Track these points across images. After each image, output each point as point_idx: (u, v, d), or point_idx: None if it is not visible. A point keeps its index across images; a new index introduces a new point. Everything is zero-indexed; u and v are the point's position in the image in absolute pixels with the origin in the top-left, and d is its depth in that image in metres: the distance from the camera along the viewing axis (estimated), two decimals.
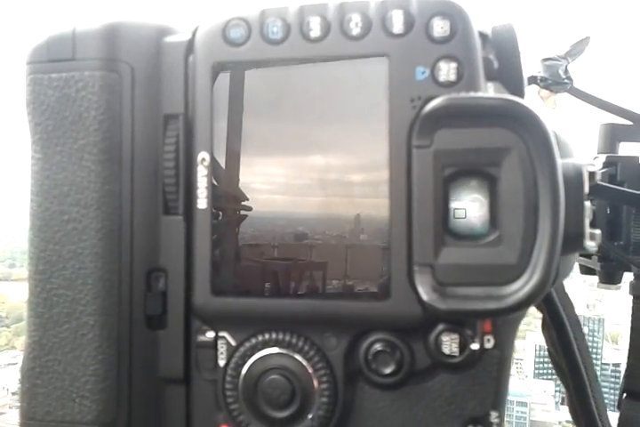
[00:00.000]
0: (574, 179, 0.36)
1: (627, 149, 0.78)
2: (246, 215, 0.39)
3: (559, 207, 0.34)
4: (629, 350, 0.65)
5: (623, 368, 0.64)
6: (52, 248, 0.40)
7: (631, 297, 0.68)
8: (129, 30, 0.40)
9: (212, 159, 0.39)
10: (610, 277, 0.76)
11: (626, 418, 0.61)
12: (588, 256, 0.76)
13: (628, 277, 0.74)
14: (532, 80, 0.78)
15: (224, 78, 0.39)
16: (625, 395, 0.63)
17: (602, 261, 0.75)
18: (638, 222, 0.69)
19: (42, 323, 0.40)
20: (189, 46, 0.40)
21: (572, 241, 0.36)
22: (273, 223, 0.39)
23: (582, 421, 0.58)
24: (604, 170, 0.74)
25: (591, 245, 0.37)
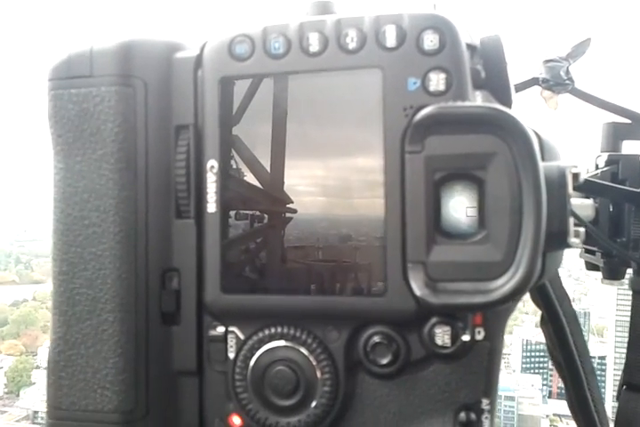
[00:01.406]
0: (558, 180, 0.38)
1: (630, 147, 0.80)
2: (254, 217, 0.42)
3: (541, 208, 0.36)
4: (629, 343, 0.67)
5: (609, 361, 0.66)
6: (74, 251, 0.43)
7: (631, 292, 0.70)
8: (142, 47, 0.43)
9: (221, 166, 0.42)
10: (613, 273, 0.78)
11: (624, 409, 0.63)
12: (592, 253, 0.78)
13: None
14: (534, 81, 0.80)
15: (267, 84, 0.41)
16: (624, 387, 0.65)
17: (605, 257, 0.77)
18: (638, 219, 0.71)
19: (65, 320, 0.43)
20: (198, 61, 0.43)
21: (557, 238, 0.38)
22: (286, 226, 0.41)
23: (579, 413, 0.60)
24: (605, 168, 0.76)
25: (575, 241, 0.39)
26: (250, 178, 0.42)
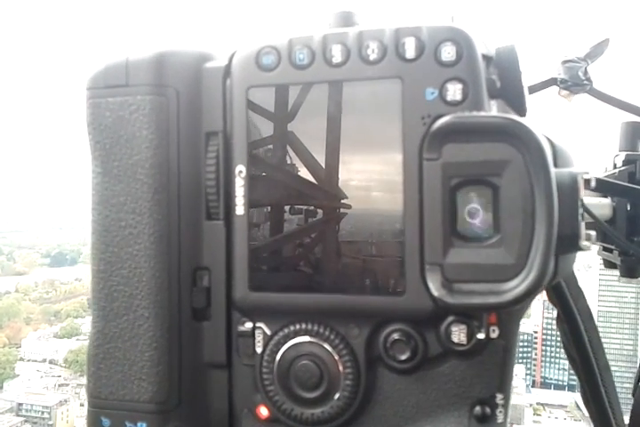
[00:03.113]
0: (570, 186, 0.40)
1: None
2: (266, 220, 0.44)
3: (553, 213, 0.38)
4: None
5: None
6: (111, 250, 0.46)
7: (615, 285, 0.70)
8: (174, 58, 0.46)
9: (248, 171, 0.44)
10: (630, 271, 0.78)
11: None
12: (610, 250, 0.79)
13: None
14: (552, 82, 0.81)
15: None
16: None
17: (622, 255, 0.77)
18: None
19: (104, 315, 0.46)
20: (227, 71, 0.45)
21: (569, 242, 0.40)
22: (311, 226, 0.44)
23: (593, 407, 0.61)
24: (623, 168, 0.77)
25: (587, 245, 0.41)
26: (280, 180, 0.44)
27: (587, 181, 0.41)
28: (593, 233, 0.41)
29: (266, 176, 0.45)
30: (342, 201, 0.43)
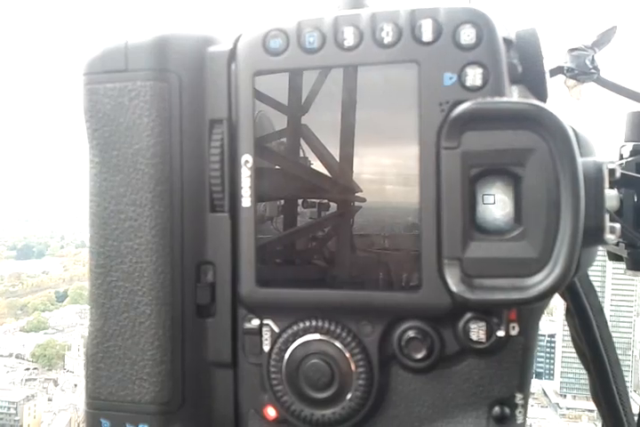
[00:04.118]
0: (595, 176, 0.38)
1: None
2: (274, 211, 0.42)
3: (580, 204, 0.36)
4: None
5: (558, 339, 0.65)
6: (110, 244, 0.43)
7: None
8: (176, 42, 0.43)
9: (255, 161, 0.42)
10: (637, 264, 0.77)
11: None
12: (616, 243, 0.78)
13: None
14: (559, 70, 0.79)
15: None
16: None
17: (629, 248, 0.76)
18: None
19: (103, 312, 0.44)
20: (231, 55, 0.43)
21: (593, 235, 0.38)
22: (320, 219, 0.42)
23: (604, 404, 0.60)
24: (630, 158, 0.75)
25: (611, 238, 0.39)
26: (289, 171, 0.42)
27: (611, 171, 0.39)
28: (617, 226, 0.39)
29: (274, 166, 0.43)
30: (357, 194, 0.41)
